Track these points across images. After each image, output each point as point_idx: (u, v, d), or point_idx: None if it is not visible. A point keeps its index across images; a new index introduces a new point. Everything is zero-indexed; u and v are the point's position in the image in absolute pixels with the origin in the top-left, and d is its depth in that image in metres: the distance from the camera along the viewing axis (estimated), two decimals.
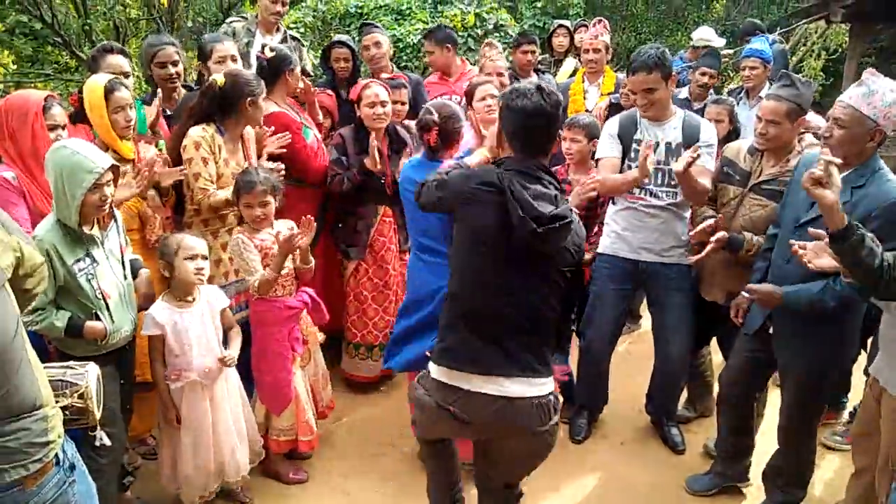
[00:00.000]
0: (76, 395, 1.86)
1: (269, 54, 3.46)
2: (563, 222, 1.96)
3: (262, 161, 3.18)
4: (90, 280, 2.37)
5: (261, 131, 3.27)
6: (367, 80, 3.66)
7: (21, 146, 2.56)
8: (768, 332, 2.75)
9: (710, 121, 3.47)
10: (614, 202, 3.34)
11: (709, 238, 2.90)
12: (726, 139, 3.62)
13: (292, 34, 4.57)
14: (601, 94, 4.63)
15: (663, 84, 3.07)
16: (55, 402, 1.70)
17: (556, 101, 2.05)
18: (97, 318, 2.38)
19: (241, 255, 2.84)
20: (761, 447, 3.06)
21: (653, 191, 3.18)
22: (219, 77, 3.02)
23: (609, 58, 4.82)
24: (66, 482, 1.66)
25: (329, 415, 3.36)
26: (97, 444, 2.05)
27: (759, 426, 3.21)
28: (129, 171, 2.83)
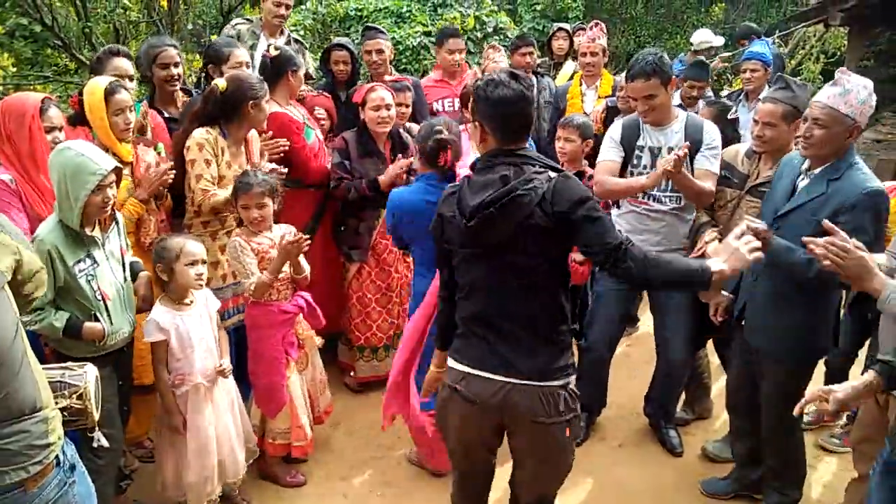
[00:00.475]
0: (75, 397, 1.87)
1: (273, 53, 3.46)
2: (499, 203, 1.87)
3: (262, 163, 3.19)
4: (90, 281, 2.37)
5: (264, 135, 3.29)
6: (371, 84, 3.66)
7: (18, 148, 2.56)
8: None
9: None
10: (619, 206, 3.34)
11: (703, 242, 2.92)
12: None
13: (295, 37, 4.59)
14: (598, 97, 4.64)
15: (663, 90, 3.03)
16: (54, 403, 1.70)
17: (530, 84, 2.04)
18: (96, 320, 2.39)
19: (237, 258, 2.84)
20: None
21: (656, 196, 3.18)
22: (221, 81, 3.03)
23: (606, 61, 4.83)
24: (67, 483, 1.66)
25: (326, 419, 3.35)
26: (95, 445, 2.05)
27: None
28: (127, 175, 2.83)
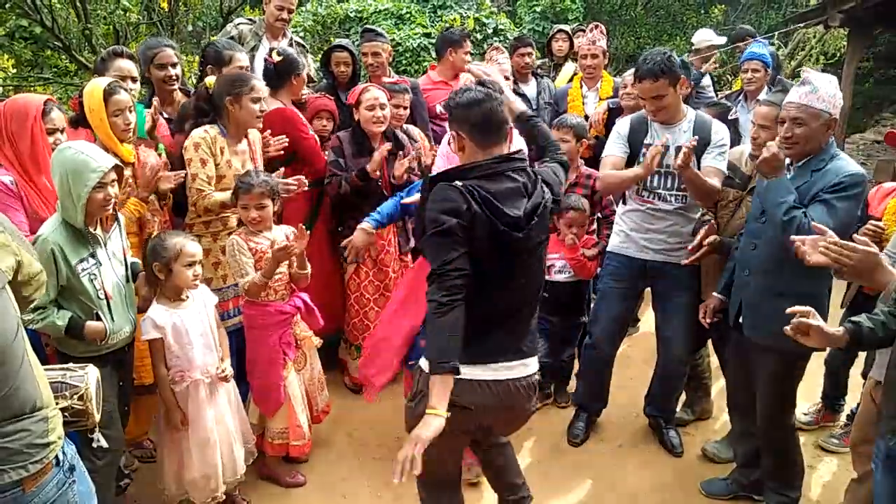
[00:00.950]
0: (76, 398, 1.87)
1: (276, 58, 3.53)
2: (541, 209, 1.99)
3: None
4: (92, 280, 2.38)
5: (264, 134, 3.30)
6: (365, 84, 3.69)
7: (20, 150, 2.57)
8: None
9: None
10: (624, 202, 3.35)
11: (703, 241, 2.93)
12: None
13: (297, 40, 4.61)
14: (599, 98, 4.65)
15: (671, 90, 3.01)
16: (55, 403, 1.71)
17: (499, 87, 2.11)
18: (98, 319, 2.40)
19: (234, 257, 2.85)
20: None
21: (661, 194, 3.17)
22: (210, 78, 3.09)
23: (606, 62, 4.84)
24: (66, 483, 1.66)
25: (324, 419, 3.35)
26: (95, 445, 2.06)
27: None
28: (128, 175, 2.84)
